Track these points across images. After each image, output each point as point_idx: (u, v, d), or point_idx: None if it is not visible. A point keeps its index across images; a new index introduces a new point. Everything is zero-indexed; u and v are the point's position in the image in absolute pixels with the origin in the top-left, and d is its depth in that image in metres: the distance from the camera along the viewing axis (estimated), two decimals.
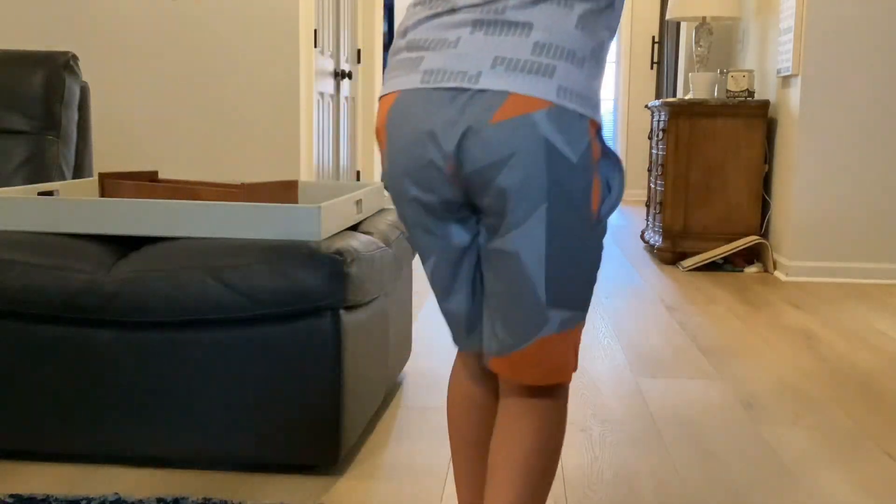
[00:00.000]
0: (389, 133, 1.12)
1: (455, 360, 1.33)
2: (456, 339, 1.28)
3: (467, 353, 1.29)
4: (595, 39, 1.07)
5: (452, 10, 1.07)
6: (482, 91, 1.03)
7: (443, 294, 1.23)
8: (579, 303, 1.14)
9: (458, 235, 1.16)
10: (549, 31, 1.04)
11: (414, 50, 1.10)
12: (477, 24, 1.05)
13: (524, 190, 1.05)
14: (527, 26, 1.04)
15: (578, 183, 1.07)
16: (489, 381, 1.30)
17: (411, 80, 1.08)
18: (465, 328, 1.24)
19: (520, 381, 1.16)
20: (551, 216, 1.07)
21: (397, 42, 1.14)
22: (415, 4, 1.14)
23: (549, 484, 1.21)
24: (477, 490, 1.33)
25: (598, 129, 1.10)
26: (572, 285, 1.12)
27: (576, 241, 1.10)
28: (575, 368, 1.20)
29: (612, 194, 1.13)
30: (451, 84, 1.04)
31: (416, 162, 1.10)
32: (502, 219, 1.09)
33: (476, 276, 1.20)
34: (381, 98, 1.14)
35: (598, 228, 1.13)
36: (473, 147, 1.05)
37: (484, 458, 1.32)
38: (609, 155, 1.12)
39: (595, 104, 1.09)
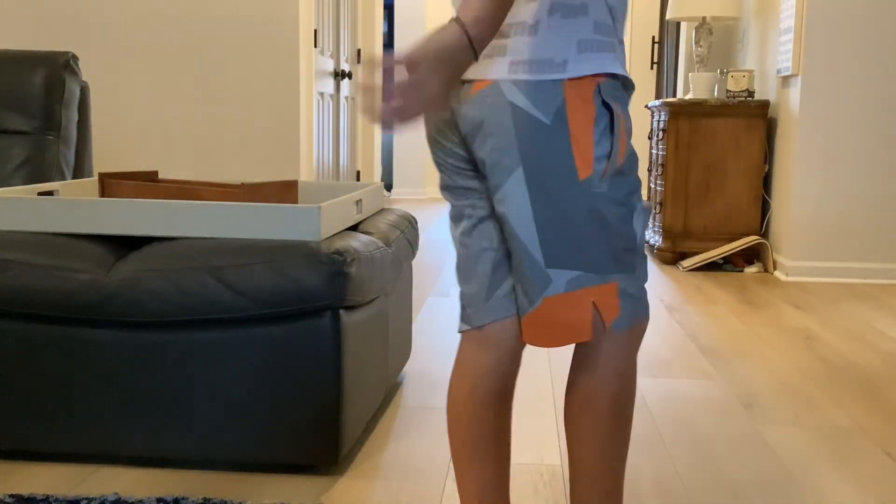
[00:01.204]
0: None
1: (458, 355, 1.29)
2: (473, 313, 1.25)
3: (478, 333, 1.25)
4: None
5: None
6: (463, 82, 1.13)
7: (469, 258, 1.24)
8: (589, 262, 1.13)
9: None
10: (510, 14, 1.10)
11: None
12: None
13: (498, 155, 1.12)
14: None
15: (555, 143, 1.10)
16: (500, 375, 1.26)
17: None
18: (487, 290, 1.23)
19: (537, 343, 1.19)
20: (529, 177, 1.11)
21: None
22: None
23: (627, 426, 1.25)
24: (484, 491, 1.29)
25: (596, 85, 1.09)
26: (571, 244, 1.13)
27: (563, 200, 1.11)
28: (589, 328, 1.16)
29: (615, 148, 1.12)
30: None
31: (441, 140, 1.21)
32: (489, 183, 1.16)
33: (503, 238, 1.23)
34: None
35: (594, 186, 1.11)
36: (459, 121, 1.15)
37: (491, 456, 1.28)
38: (610, 111, 1.11)
39: (563, 61, 1.08)
